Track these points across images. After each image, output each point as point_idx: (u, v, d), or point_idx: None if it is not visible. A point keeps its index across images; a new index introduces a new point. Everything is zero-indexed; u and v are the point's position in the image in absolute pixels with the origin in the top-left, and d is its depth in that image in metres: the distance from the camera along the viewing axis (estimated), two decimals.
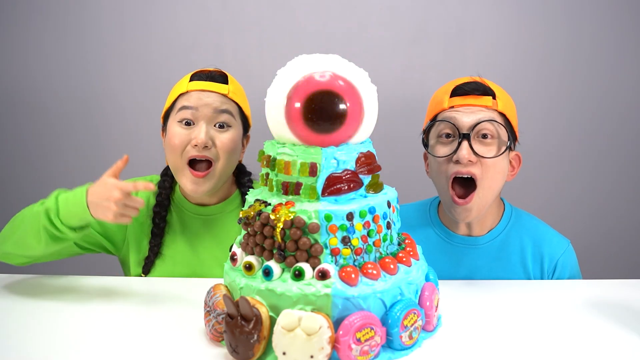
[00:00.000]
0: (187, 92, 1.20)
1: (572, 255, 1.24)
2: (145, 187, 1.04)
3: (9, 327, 0.97)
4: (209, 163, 1.19)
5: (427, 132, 1.20)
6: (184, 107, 1.19)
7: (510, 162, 1.19)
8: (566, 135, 1.72)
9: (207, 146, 1.18)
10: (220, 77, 1.23)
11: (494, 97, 1.15)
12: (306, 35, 1.68)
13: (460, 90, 1.16)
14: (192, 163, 1.19)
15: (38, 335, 0.94)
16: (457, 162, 1.12)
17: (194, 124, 1.19)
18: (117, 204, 1.02)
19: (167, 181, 1.28)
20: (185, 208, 1.28)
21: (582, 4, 1.65)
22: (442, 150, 1.15)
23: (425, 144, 1.20)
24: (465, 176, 1.13)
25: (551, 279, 1.22)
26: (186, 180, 1.20)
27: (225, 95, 1.21)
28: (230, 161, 1.22)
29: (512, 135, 1.17)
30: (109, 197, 1.02)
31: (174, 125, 1.20)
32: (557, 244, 1.23)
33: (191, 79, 1.22)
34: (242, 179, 1.31)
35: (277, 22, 1.68)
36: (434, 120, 1.18)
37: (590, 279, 1.23)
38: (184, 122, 1.19)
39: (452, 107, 1.15)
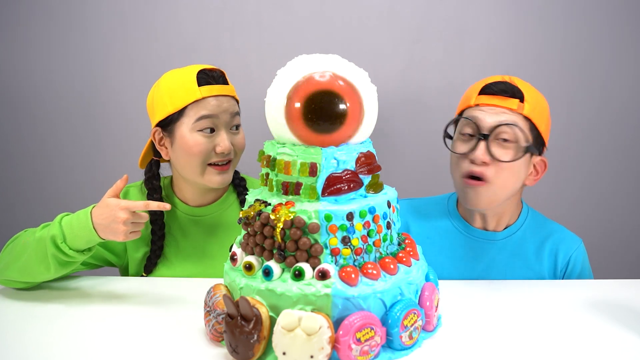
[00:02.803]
0: (202, 98, 1.17)
1: (583, 253, 1.26)
2: (158, 207, 1.04)
3: (9, 328, 0.97)
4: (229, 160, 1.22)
5: (452, 125, 1.21)
6: (204, 117, 1.17)
7: (535, 166, 1.18)
8: (565, 136, 1.72)
9: (229, 151, 1.20)
10: (223, 77, 1.22)
11: (521, 100, 1.14)
12: (306, 35, 1.68)
13: (488, 90, 1.16)
14: None
15: (38, 336, 0.94)
16: (473, 161, 1.13)
17: (214, 130, 1.19)
18: (125, 224, 1.02)
19: (157, 191, 1.27)
20: (181, 211, 1.28)
21: (581, 4, 1.65)
22: (461, 147, 1.16)
23: (449, 136, 1.22)
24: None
25: (564, 274, 1.23)
26: (211, 177, 1.20)
27: (234, 97, 1.23)
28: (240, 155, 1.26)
29: (539, 141, 1.16)
30: (116, 218, 1.02)
31: (192, 134, 1.18)
32: (570, 240, 1.25)
33: (200, 83, 1.18)
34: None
35: (277, 22, 1.68)
36: (460, 115, 1.19)
37: (590, 279, 1.23)
38: (206, 130, 1.18)
39: (478, 105, 1.16)
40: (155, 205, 1.03)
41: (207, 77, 1.19)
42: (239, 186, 1.32)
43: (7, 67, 1.74)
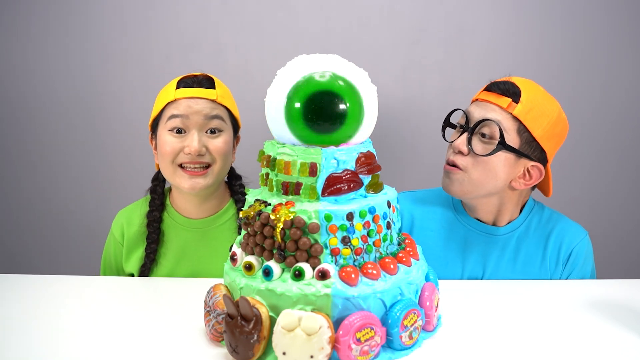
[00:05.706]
0: (175, 100, 1.19)
1: (588, 245, 1.26)
2: None
3: (8, 327, 0.97)
4: (205, 165, 1.20)
5: (449, 116, 1.25)
6: (173, 116, 1.18)
7: (529, 171, 1.18)
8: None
9: (201, 154, 1.18)
10: (207, 82, 1.22)
11: (515, 101, 1.14)
12: (306, 35, 1.68)
13: (490, 87, 1.20)
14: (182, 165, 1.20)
15: (38, 335, 0.94)
16: (454, 150, 1.19)
17: (185, 131, 1.18)
18: None
19: (157, 199, 1.27)
20: (179, 223, 1.28)
21: (581, 4, 1.65)
22: (451, 136, 1.23)
23: (451, 126, 1.25)
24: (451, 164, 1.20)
25: (565, 266, 1.23)
26: (181, 180, 1.19)
27: (214, 101, 1.20)
28: (226, 163, 1.23)
29: (532, 146, 1.15)
30: None
31: (164, 134, 1.19)
32: (575, 232, 1.25)
33: (178, 86, 1.20)
34: (233, 183, 1.31)
35: (277, 22, 1.68)
36: (457, 109, 1.24)
37: (590, 279, 1.23)
38: (174, 130, 1.18)
39: (478, 100, 1.20)
40: None
41: (187, 81, 1.21)
42: (239, 202, 1.29)
43: (7, 67, 1.74)
